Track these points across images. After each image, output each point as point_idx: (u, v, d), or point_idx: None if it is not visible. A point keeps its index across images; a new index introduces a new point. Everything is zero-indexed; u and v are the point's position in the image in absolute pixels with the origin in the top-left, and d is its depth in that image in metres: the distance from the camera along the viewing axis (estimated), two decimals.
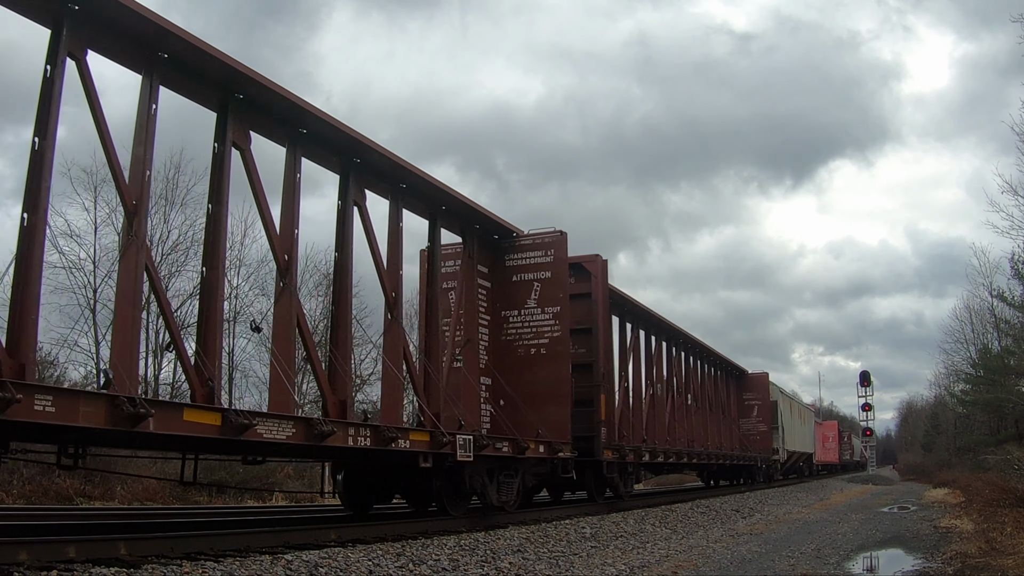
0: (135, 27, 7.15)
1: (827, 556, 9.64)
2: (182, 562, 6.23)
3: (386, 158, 10.19)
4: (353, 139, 9.66)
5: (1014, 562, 8.18)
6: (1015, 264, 25.50)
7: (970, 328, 39.13)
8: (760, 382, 31.25)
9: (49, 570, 5.46)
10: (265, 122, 8.90)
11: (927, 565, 9.02)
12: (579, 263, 15.29)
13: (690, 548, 10.39)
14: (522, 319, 13.34)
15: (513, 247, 13.52)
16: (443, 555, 8.00)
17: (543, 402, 12.88)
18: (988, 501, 15.25)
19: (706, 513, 15.82)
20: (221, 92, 8.26)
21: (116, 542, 6.42)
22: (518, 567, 7.97)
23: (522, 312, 13.33)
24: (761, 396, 30.75)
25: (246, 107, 8.50)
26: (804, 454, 39.12)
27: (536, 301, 13.26)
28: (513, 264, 13.49)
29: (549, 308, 13.19)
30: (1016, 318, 29.95)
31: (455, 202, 11.92)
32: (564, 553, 9.16)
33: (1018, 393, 26.22)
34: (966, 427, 41.40)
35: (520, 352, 13.27)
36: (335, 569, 6.74)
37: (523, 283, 13.39)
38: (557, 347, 13.09)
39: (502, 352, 13.28)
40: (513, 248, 13.53)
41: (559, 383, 13.04)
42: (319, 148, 9.66)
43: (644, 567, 8.55)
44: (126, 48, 7.36)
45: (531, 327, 13.28)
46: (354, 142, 9.73)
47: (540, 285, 13.28)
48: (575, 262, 14.86)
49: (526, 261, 13.44)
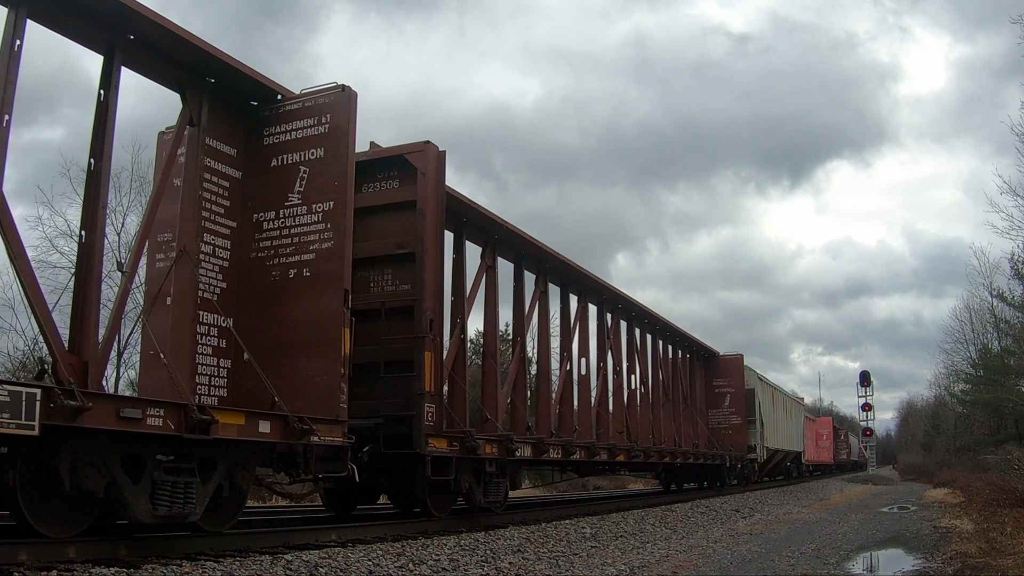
0: None
1: (827, 556, 9.65)
2: (182, 562, 6.23)
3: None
4: None
5: (1014, 562, 8.19)
6: (1015, 264, 25.54)
7: (970, 328, 39.22)
8: (733, 366, 26.01)
9: (49, 570, 5.46)
10: None
11: (927, 565, 9.02)
12: (400, 155, 10.74)
13: (690, 548, 10.39)
14: (281, 224, 8.58)
15: (275, 117, 8.82)
16: (443, 555, 8.01)
17: (297, 354, 8.14)
18: (988, 501, 15.26)
19: (706, 513, 15.82)
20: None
21: (116, 542, 6.42)
22: (518, 567, 7.98)
23: (281, 213, 8.58)
24: (735, 383, 25.80)
25: None
26: (790, 452, 34.13)
27: (300, 196, 8.53)
28: (274, 142, 8.77)
29: (319, 206, 8.40)
30: (1016, 318, 29.99)
31: (159, 32, 7.36)
32: (564, 553, 9.16)
33: (1018, 393, 26.22)
34: (966, 427, 41.43)
35: (275, 276, 8.48)
36: (335, 569, 6.74)
37: (285, 168, 8.65)
38: (326, 265, 8.23)
39: (253, 276, 8.57)
40: (276, 119, 8.81)
41: (325, 323, 8.11)
42: None
43: (644, 567, 8.56)
44: None
45: (292, 236, 8.49)
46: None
47: (308, 171, 8.54)
48: (393, 153, 10.85)
49: (292, 136, 8.70)
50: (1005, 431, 32.33)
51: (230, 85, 8.46)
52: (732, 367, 26.02)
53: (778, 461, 32.36)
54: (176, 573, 5.85)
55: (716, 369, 25.86)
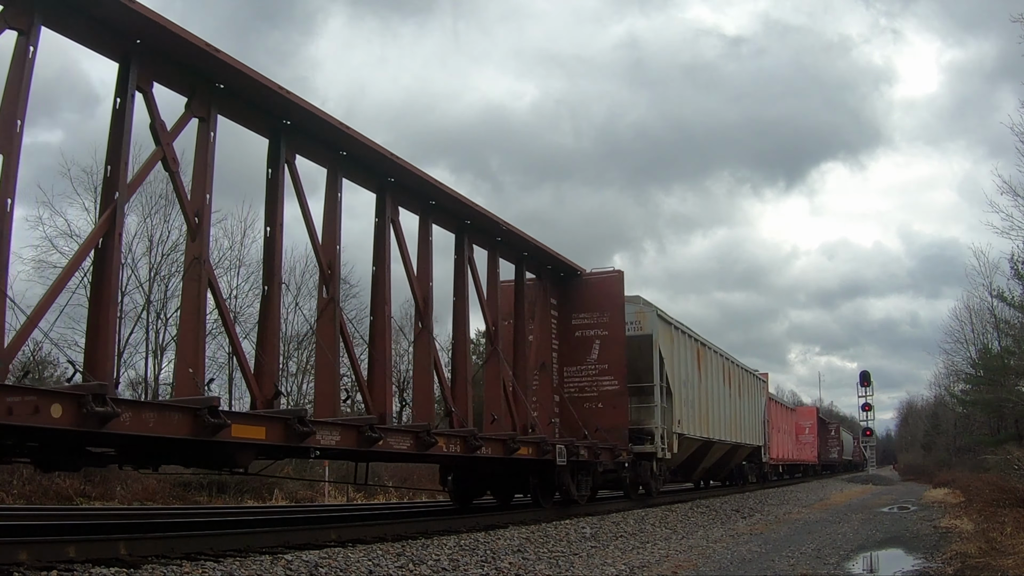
0: None
1: (827, 556, 9.64)
2: (182, 562, 6.23)
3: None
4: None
5: (1014, 562, 8.18)
6: (1015, 264, 25.52)
7: (970, 328, 39.16)
8: (608, 293, 15.94)
9: (49, 570, 5.46)
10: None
11: (927, 565, 9.02)
12: None
13: (690, 548, 10.39)
14: None
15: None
16: (443, 555, 8.00)
17: None
18: (988, 501, 15.24)
19: (706, 513, 15.81)
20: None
21: (116, 542, 6.42)
22: (518, 567, 7.98)
23: None
24: (610, 320, 15.76)
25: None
26: (740, 446, 24.12)
27: None
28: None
29: None
30: (1016, 318, 29.95)
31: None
32: (564, 553, 9.16)
33: (1018, 393, 26.21)
34: (966, 427, 41.42)
35: None
36: (335, 569, 6.74)
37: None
38: None
39: None
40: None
41: None
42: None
43: (644, 567, 8.56)
44: None
45: None
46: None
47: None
48: None
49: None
50: (1005, 431, 32.32)
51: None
52: (606, 294, 15.94)
53: (711, 457, 22.21)
54: (176, 573, 5.85)
55: (578, 299, 16.01)
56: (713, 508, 17.06)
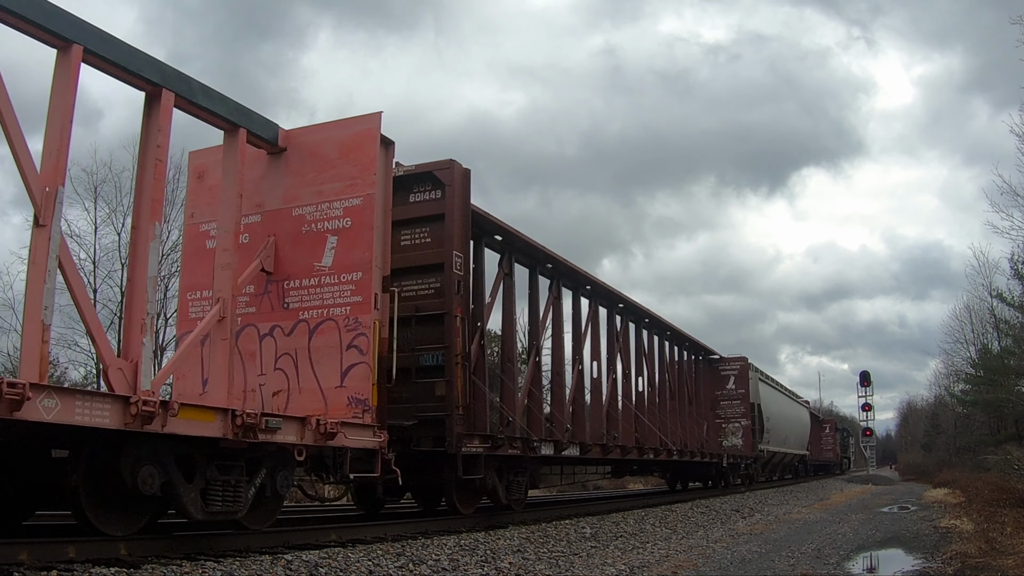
0: None
1: (827, 556, 9.64)
2: (182, 562, 6.22)
3: None
4: None
5: (1014, 562, 8.18)
6: (1015, 264, 25.54)
7: (970, 328, 39.20)
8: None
9: (49, 570, 5.46)
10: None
11: (927, 565, 9.02)
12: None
13: (690, 548, 10.39)
14: None
15: None
16: (443, 555, 8.00)
17: None
18: (988, 501, 15.25)
19: (706, 513, 15.82)
20: None
21: (116, 542, 6.42)
22: (518, 567, 7.98)
23: None
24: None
25: None
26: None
27: None
28: None
29: None
30: (1016, 318, 29.97)
31: None
32: (564, 553, 9.16)
33: (1018, 393, 26.23)
34: (966, 427, 41.46)
35: None
36: (335, 569, 6.74)
37: None
38: None
39: None
40: None
41: None
42: None
43: (644, 567, 8.56)
44: None
45: None
46: None
47: None
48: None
49: None
50: (1005, 431, 32.35)
51: None
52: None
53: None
54: (176, 573, 5.84)
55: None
56: (713, 508, 17.06)
